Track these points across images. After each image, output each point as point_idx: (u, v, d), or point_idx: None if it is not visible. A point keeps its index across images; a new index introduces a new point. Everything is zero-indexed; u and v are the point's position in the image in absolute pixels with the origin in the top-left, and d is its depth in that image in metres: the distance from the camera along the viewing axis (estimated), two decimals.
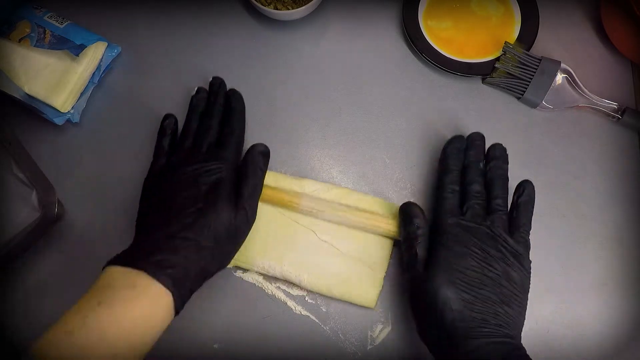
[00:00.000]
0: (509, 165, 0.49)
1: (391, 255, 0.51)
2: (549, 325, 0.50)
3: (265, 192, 0.49)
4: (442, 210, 0.45)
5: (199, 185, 0.44)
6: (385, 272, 0.50)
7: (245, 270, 0.51)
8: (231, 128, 0.49)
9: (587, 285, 0.51)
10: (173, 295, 0.38)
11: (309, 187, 0.52)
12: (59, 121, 0.54)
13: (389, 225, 0.49)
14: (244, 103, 0.52)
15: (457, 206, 0.46)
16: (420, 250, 0.44)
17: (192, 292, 0.41)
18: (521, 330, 0.43)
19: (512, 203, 0.47)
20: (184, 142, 0.49)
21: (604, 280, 0.51)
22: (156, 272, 0.38)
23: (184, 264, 0.40)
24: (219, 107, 0.51)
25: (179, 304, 0.39)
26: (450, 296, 0.40)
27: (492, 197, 0.46)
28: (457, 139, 0.49)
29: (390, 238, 0.50)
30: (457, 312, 0.40)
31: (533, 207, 0.46)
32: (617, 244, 0.52)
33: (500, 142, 0.49)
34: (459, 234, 0.43)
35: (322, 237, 0.50)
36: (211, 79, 0.53)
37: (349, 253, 0.50)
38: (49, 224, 0.50)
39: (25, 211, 0.49)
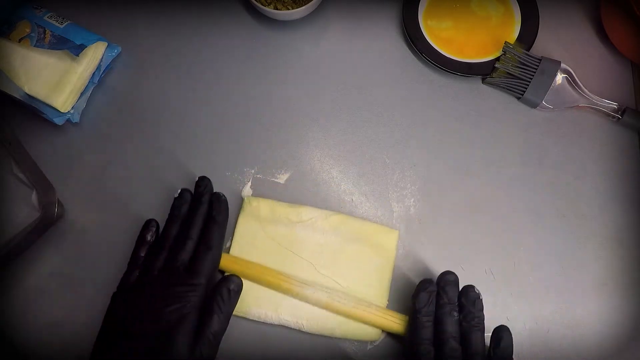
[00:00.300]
0: (509, 165, 0.49)
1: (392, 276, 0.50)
2: (549, 325, 0.50)
3: (251, 273, 0.48)
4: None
5: (162, 316, 0.42)
6: (388, 300, 0.49)
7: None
8: (208, 244, 0.46)
9: (587, 285, 0.51)
10: None
11: (306, 214, 0.51)
12: (59, 121, 0.54)
13: (383, 320, 0.47)
14: (227, 212, 0.49)
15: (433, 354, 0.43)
16: None
17: None
18: None
19: (488, 353, 0.44)
20: (159, 256, 0.46)
21: (604, 280, 0.51)
22: None
23: None
24: (200, 217, 0.47)
25: None
26: None
27: (469, 352, 0.43)
28: (426, 284, 0.45)
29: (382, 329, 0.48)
30: None
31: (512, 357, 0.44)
32: (617, 244, 0.52)
33: (472, 285, 0.45)
34: None
35: (321, 270, 0.49)
36: (197, 179, 0.50)
37: (349, 287, 0.49)
38: (49, 224, 0.50)
39: (25, 211, 0.49)
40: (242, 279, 0.45)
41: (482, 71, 0.56)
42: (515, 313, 0.50)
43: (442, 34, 0.58)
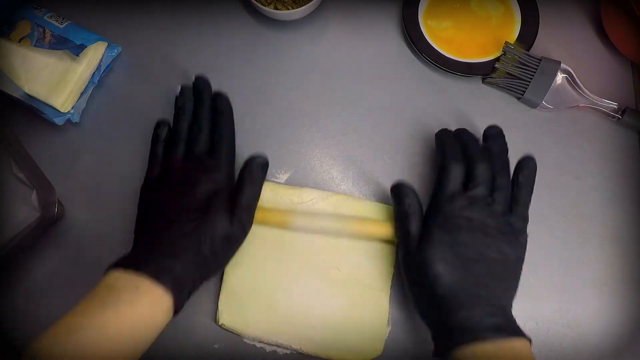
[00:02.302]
0: (509, 165, 0.49)
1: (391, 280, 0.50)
2: (549, 325, 0.50)
3: (256, 214, 0.48)
4: (444, 187, 0.45)
5: (195, 195, 0.44)
6: (388, 321, 0.49)
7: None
8: (221, 133, 0.49)
9: (587, 285, 0.51)
10: (174, 297, 0.40)
11: (307, 195, 0.51)
12: (59, 121, 0.54)
13: (388, 229, 0.48)
14: (230, 105, 0.51)
15: (460, 183, 0.45)
16: (413, 227, 0.44)
17: (190, 294, 0.42)
18: (513, 300, 0.43)
19: (512, 179, 0.47)
20: (176, 149, 0.49)
21: (604, 280, 0.51)
22: (158, 276, 0.39)
23: (183, 268, 0.41)
24: (207, 110, 0.50)
25: (179, 305, 0.41)
26: (442, 272, 0.41)
27: (494, 175, 0.46)
28: (445, 130, 0.50)
29: (392, 242, 0.50)
30: (447, 287, 0.41)
31: (534, 183, 0.47)
32: (617, 244, 0.52)
33: (496, 126, 0.49)
34: (454, 212, 0.44)
35: (321, 255, 0.49)
36: (194, 78, 0.52)
37: (350, 276, 0.49)
38: (49, 224, 0.50)
39: (25, 211, 0.49)
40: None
41: (482, 71, 0.56)
42: (515, 313, 0.49)
43: (442, 34, 0.58)
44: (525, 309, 0.50)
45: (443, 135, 0.49)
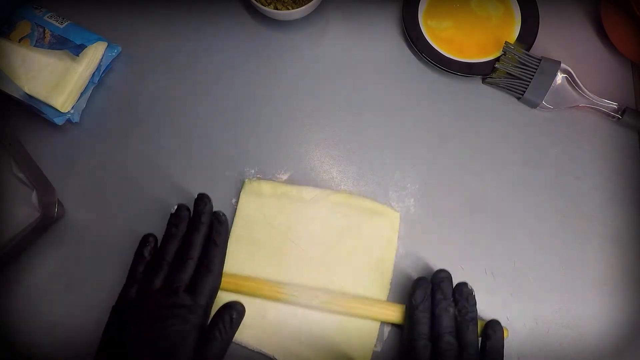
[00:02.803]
0: (509, 165, 0.49)
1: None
2: (549, 325, 0.50)
3: (246, 285, 0.48)
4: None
5: (163, 337, 0.42)
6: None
7: None
8: (209, 267, 0.45)
9: (587, 285, 0.51)
10: None
11: (307, 193, 0.52)
12: (59, 121, 0.53)
13: (382, 311, 0.48)
14: (228, 232, 0.48)
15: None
16: None
17: None
18: None
19: (481, 345, 0.45)
20: (156, 277, 0.45)
21: (604, 280, 0.51)
22: None
23: None
24: (200, 238, 0.46)
25: None
26: None
27: (462, 344, 0.45)
28: (422, 282, 0.47)
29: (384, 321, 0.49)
30: None
31: (503, 352, 0.46)
32: (617, 244, 0.52)
33: (465, 282, 0.47)
34: None
35: (319, 267, 0.49)
36: (197, 196, 0.48)
37: (348, 285, 0.49)
38: (49, 224, 0.50)
39: (25, 211, 0.49)
40: (243, 305, 0.45)
41: (482, 71, 0.56)
42: (515, 313, 0.50)
43: (442, 34, 0.58)
44: (525, 309, 0.50)
45: (415, 297, 0.46)
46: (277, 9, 0.56)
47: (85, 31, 0.56)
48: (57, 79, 0.53)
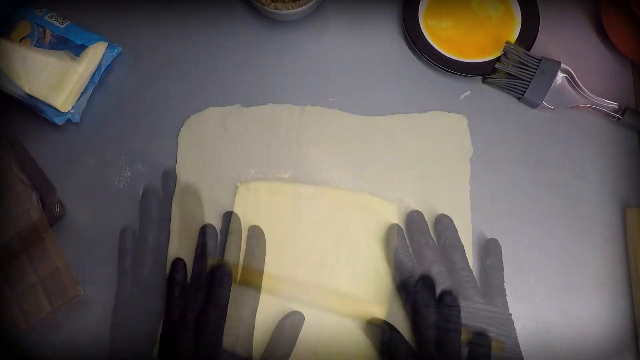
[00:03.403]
0: (509, 165, 0.49)
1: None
2: (549, 325, 0.50)
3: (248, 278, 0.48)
4: (415, 303, 0.45)
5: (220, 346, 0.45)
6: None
7: None
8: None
9: (587, 285, 0.51)
10: None
11: (305, 191, 0.52)
12: (59, 121, 0.54)
13: (373, 309, 0.48)
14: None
15: (428, 296, 0.45)
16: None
17: None
18: None
19: (482, 264, 0.47)
20: (197, 295, 0.47)
21: (604, 280, 0.51)
22: None
23: None
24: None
25: None
26: None
27: (454, 269, 0.46)
28: (394, 227, 0.48)
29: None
30: None
31: (502, 267, 0.47)
32: (617, 244, 0.52)
33: (443, 213, 0.48)
34: (432, 318, 0.45)
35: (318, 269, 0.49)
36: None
37: (347, 289, 0.49)
38: (49, 224, 0.50)
39: (25, 211, 0.49)
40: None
41: (482, 71, 0.56)
42: (515, 313, 0.49)
43: (442, 33, 0.58)
44: (525, 309, 0.50)
45: (392, 245, 0.48)
46: (277, 8, 0.56)
47: (85, 31, 0.56)
48: (58, 79, 0.53)
